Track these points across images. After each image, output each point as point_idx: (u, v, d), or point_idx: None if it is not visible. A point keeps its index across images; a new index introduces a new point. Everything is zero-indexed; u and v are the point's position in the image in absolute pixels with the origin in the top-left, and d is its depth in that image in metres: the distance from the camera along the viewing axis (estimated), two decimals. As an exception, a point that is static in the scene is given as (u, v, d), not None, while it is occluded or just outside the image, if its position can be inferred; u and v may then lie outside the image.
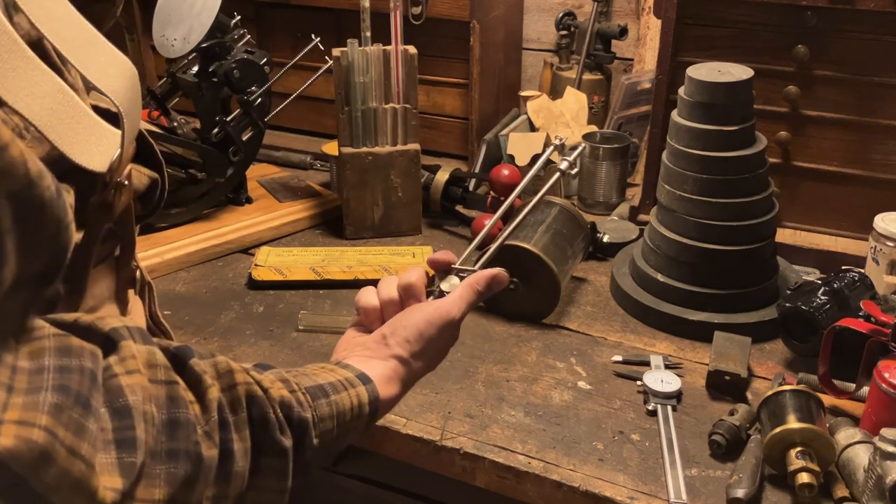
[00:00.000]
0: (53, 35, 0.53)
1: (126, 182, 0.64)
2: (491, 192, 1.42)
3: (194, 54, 1.38)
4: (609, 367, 1.09)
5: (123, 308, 0.73)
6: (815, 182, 1.35)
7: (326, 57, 1.38)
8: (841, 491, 0.87)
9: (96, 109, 0.57)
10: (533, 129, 1.63)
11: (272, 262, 1.31)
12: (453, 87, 1.69)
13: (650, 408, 1.01)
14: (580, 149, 1.08)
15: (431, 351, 0.75)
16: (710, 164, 1.13)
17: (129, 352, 0.52)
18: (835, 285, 1.08)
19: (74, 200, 0.54)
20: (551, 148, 1.05)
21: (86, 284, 0.62)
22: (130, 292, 0.77)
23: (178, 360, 0.56)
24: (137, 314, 0.77)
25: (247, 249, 1.40)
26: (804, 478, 0.85)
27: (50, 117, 0.50)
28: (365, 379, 0.69)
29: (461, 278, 0.81)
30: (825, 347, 0.99)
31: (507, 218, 1.36)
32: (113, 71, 0.58)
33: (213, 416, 0.55)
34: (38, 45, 0.52)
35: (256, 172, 1.61)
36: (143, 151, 0.71)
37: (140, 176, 0.71)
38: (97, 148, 0.55)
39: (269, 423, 0.59)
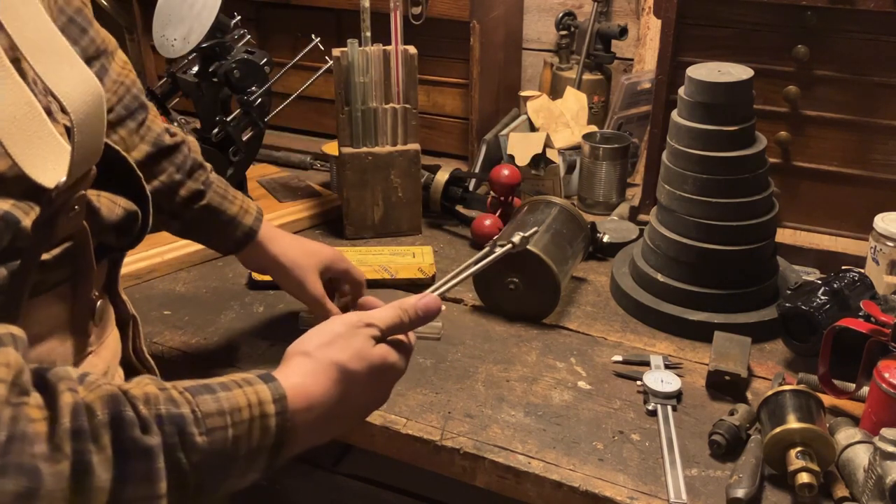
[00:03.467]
0: (18, 36, 0.53)
1: (76, 207, 0.62)
2: (491, 192, 1.42)
3: (194, 54, 1.38)
4: (609, 367, 1.09)
5: (83, 339, 0.70)
6: (815, 182, 1.35)
7: (326, 57, 1.38)
8: (841, 491, 0.87)
9: (68, 132, 0.57)
10: (533, 129, 1.63)
11: (272, 262, 1.30)
12: (453, 87, 1.69)
13: (650, 408, 1.01)
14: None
15: (342, 344, 0.72)
16: (710, 164, 1.13)
17: (5, 359, 0.51)
18: (835, 285, 1.08)
19: (34, 221, 0.54)
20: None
21: (19, 310, 0.60)
22: (112, 325, 0.75)
23: (38, 371, 0.54)
24: (110, 348, 0.75)
25: (247, 249, 1.40)
26: (804, 478, 0.85)
27: (10, 125, 0.50)
28: (267, 378, 0.66)
29: None
30: (825, 347, 0.99)
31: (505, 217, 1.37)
32: (74, 83, 0.58)
33: (65, 422, 0.52)
34: (18, 63, 0.52)
35: (256, 172, 1.61)
36: (125, 182, 0.70)
37: (111, 206, 0.69)
38: (52, 164, 0.55)
39: (125, 421, 0.55)
